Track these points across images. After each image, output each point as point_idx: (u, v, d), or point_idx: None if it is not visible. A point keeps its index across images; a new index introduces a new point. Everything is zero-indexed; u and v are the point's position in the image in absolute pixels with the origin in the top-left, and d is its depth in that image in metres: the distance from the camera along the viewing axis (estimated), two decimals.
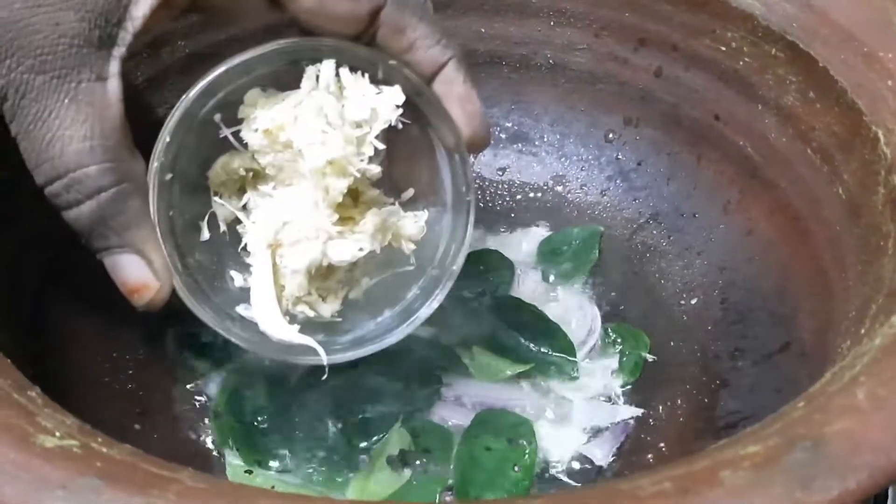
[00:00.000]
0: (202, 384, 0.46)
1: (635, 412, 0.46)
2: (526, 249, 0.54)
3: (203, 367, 0.46)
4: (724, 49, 0.50)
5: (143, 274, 0.36)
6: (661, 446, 0.44)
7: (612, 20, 0.53)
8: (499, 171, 0.57)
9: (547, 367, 0.47)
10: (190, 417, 0.44)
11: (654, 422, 0.45)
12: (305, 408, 0.44)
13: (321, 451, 0.43)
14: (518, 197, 0.57)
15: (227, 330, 0.38)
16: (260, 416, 0.44)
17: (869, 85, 0.43)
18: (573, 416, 0.45)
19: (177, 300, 0.37)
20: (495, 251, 0.53)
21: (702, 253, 0.51)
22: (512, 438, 0.44)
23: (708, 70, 0.51)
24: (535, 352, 0.48)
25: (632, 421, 0.45)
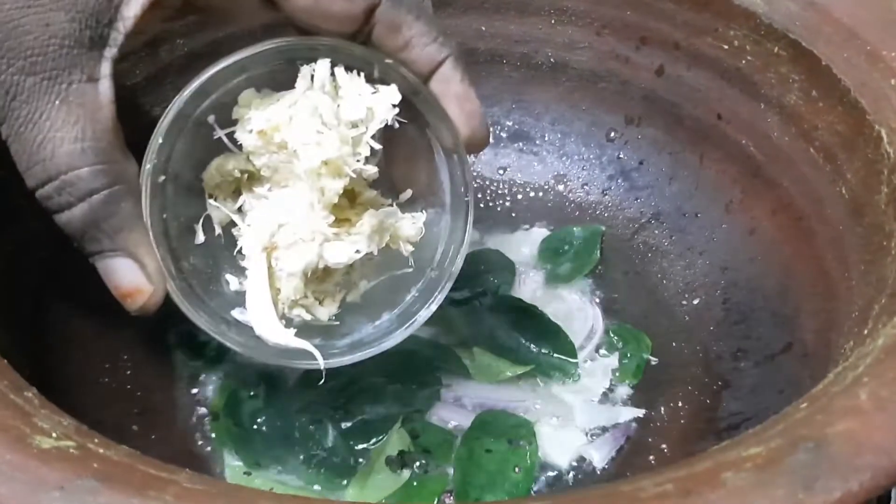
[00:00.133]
0: (201, 385, 0.46)
1: (636, 413, 0.45)
2: (527, 249, 0.54)
3: (202, 368, 0.46)
4: (726, 47, 0.50)
5: (135, 278, 0.36)
6: (663, 447, 0.44)
7: (614, 18, 0.53)
8: (499, 171, 0.57)
9: (548, 369, 0.47)
10: (188, 418, 0.44)
11: (656, 423, 0.45)
12: (304, 409, 0.44)
13: (320, 453, 0.43)
14: (519, 196, 0.57)
15: (223, 334, 0.38)
16: (258, 417, 0.44)
17: (872, 84, 0.43)
18: (574, 418, 0.45)
19: (173, 303, 0.37)
20: (496, 251, 0.53)
21: (704, 253, 0.51)
22: (512, 440, 0.44)
23: (710, 69, 0.51)
24: (535, 353, 0.48)
25: (633, 422, 0.45)
